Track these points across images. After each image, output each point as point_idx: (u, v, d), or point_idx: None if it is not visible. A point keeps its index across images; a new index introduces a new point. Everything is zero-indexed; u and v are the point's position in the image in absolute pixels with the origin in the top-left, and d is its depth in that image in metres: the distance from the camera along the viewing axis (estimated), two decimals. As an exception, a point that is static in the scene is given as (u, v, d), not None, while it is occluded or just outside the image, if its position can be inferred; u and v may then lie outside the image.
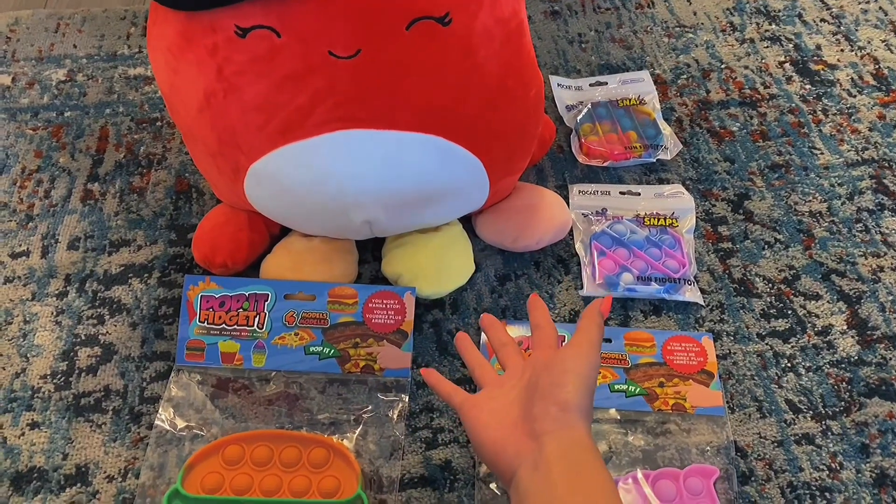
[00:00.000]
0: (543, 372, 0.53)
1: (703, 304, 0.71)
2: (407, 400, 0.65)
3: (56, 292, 0.72)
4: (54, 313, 0.71)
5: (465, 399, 0.55)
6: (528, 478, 0.48)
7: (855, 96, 0.89)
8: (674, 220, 0.76)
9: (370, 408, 0.65)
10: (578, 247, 0.75)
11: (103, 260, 0.75)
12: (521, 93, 0.64)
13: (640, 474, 0.60)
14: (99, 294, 0.72)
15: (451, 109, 0.60)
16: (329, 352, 0.67)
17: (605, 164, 0.82)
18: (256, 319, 0.67)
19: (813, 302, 0.72)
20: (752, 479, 0.61)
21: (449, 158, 0.62)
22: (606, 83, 0.89)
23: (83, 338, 0.69)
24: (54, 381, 0.67)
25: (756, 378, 0.67)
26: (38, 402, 0.66)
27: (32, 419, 0.65)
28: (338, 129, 0.58)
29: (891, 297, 0.72)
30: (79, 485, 0.61)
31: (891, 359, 0.68)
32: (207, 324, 0.67)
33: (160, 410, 0.64)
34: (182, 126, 0.66)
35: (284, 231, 0.73)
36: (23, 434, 0.64)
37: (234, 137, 0.61)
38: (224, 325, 0.67)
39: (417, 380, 0.67)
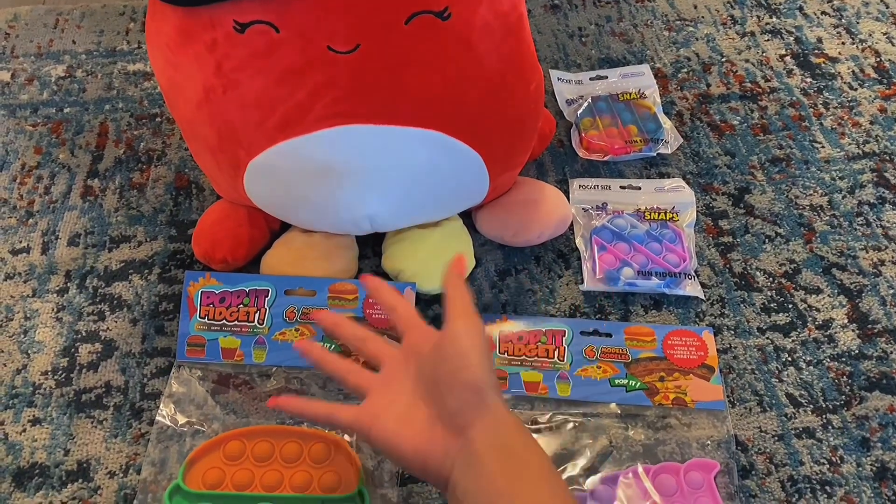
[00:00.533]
0: (436, 358, 0.49)
1: (703, 298, 0.71)
2: (407, 395, 0.65)
3: (56, 289, 0.72)
4: (55, 310, 0.71)
5: (356, 415, 0.50)
6: (464, 478, 0.45)
7: (856, 89, 0.88)
8: (674, 215, 0.76)
9: (371, 403, 0.65)
10: (579, 241, 0.75)
11: (104, 256, 0.75)
12: (521, 87, 0.64)
13: (640, 469, 0.60)
14: (99, 290, 0.72)
15: (450, 104, 0.60)
16: (330, 347, 0.67)
17: (605, 159, 0.82)
18: (257, 315, 0.67)
19: (814, 296, 0.72)
20: (753, 472, 0.62)
21: (449, 153, 0.62)
22: (607, 77, 0.89)
23: (84, 334, 0.69)
24: (55, 377, 0.67)
25: (757, 372, 0.67)
26: (40, 398, 0.66)
27: (34, 415, 0.65)
28: (337, 124, 0.58)
29: (892, 291, 0.72)
30: (80, 481, 0.61)
31: (891, 352, 0.68)
32: (208, 320, 0.67)
33: (161, 406, 0.64)
34: (181, 122, 0.66)
35: (284, 227, 0.73)
36: (24, 430, 0.64)
37: (234, 133, 0.61)
38: (224, 321, 0.67)
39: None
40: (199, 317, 0.67)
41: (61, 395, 0.66)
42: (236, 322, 0.67)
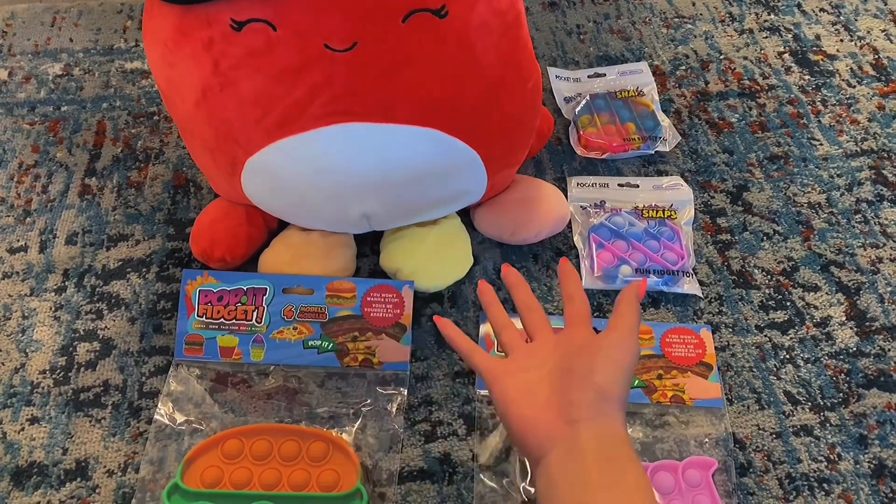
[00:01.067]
0: (580, 355, 0.51)
1: (701, 296, 0.71)
2: (406, 393, 0.65)
3: (54, 287, 0.72)
4: (53, 308, 0.71)
5: (490, 365, 0.53)
6: (560, 463, 0.47)
7: (854, 87, 0.88)
8: (672, 212, 0.76)
9: (369, 401, 0.65)
10: (577, 239, 0.75)
11: (101, 255, 0.75)
12: (519, 85, 0.64)
13: (638, 466, 0.60)
14: (97, 289, 0.72)
15: (448, 102, 0.60)
16: (328, 346, 0.67)
17: (603, 157, 0.82)
18: (255, 314, 0.67)
19: (812, 293, 0.72)
20: (751, 470, 0.62)
21: (446, 151, 0.62)
22: (605, 74, 0.88)
23: (82, 333, 0.69)
24: (53, 376, 0.67)
25: (755, 370, 0.67)
26: (38, 397, 0.66)
27: (32, 414, 0.65)
28: (335, 122, 0.58)
29: (889, 289, 0.72)
30: (79, 479, 0.61)
31: (889, 350, 0.68)
32: (206, 318, 0.67)
33: (159, 405, 0.64)
34: (179, 120, 0.66)
35: (282, 225, 0.73)
36: (22, 429, 0.64)
37: (231, 132, 0.61)
38: (223, 320, 0.67)
39: (416, 373, 0.67)
40: (197, 315, 0.67)
41: (59, 393, 0.66)
42: (234, 320, 0.67)
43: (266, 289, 0.68)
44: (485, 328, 0.68)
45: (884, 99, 0.87)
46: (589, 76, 0.88)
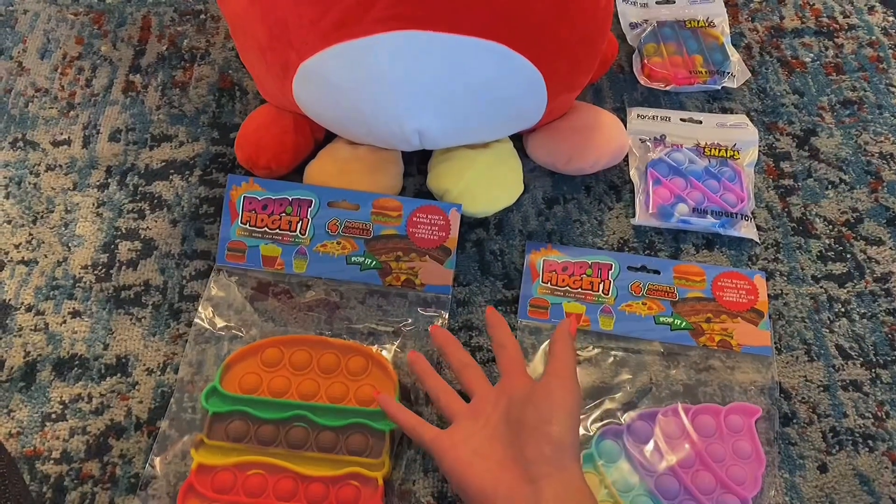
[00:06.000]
0: (527, 406, 0.50)
1: (758, 241, 0.69)
2: (447, 317, 0.64)
3: (97, 184, 0.71)
4: (95, 205, 0.70)
5: (437, 436, 0.51)
6: None
7: (942, 32, 0.82)
8: (735, 153, 0.72)
9: (410, 321, 0.64)
10: (633, 173, 0.72)
11: (144, 154, 0.73)
12: (591, 2, 0.60)
13: (680, 408, 0.59)
14: (140, 188, 0.71)
15: (516, 15, 0.56)
16: (371, 263, 0.65)
17: (666, 88, 0.78)
18: (299, 225, 0.66)
19: (874, 247, 0.69)
20: (794, 421, 0.60)
21: (509, 68, 0.59)
22: (674, 2, 0.83)
23: (124, 231, 0.69)
24: (95, 272, 0.67)
25: (807, 321, 0.65)
26: (80, 291, 0.66)
27: (74, 308, 0.65)
28: (396, 28, 0.55)
29: (958, 248, 0.69)
30: (119, 375, 0.62)
31: (951, 311, 0.66)
32: (249, 226, 0.66)
33: (200, 309, 0.64)
34: (230, 17, 0.63)
35: (329, 137, 0.71)
36: (64, 321, 0.64)
37: (286, 31, 0.58)
38: (266, 229, 0.66)
39: (458, 297, 0.66)
40: (241, 222, 0.66)
41: (101, 290, 0.66)
42: (278, 230, 0.66)
43: (311, 200, 0.66)
44: (530, 260, 0.66)
45: (972, 48, 0.81)
46: (658, 2, 0.83)
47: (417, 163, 0.72)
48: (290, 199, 0.66)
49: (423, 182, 0.71)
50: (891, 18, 0.84)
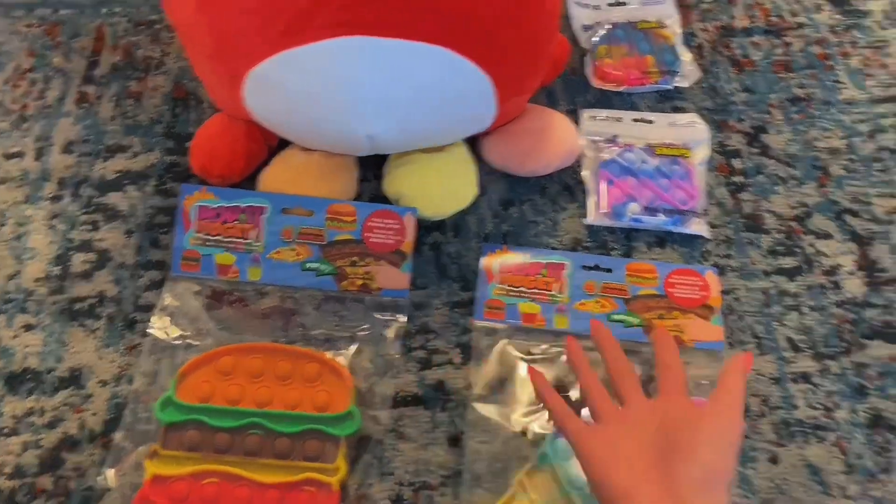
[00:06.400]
0: (685, 427, 0.48)
1: (709, 237, 0.70)
2: (403, 320, 0.64)
3: (50, 196, 0.71)
4: (48, 217, 0.70)
5: (582, 429, 0.51)
6: None
7: (887, 29, 0.84)
8: (686, 151, 0.73)
9: (366, 326, 0.64)
10: (586, 174, 0.73)
11: (98, 165, 0.73)
12: (536, 4, 0.61)
13: (633, 404, 0.60)
14: (93, 200, 0.71)
15: (462, 20, 0.57)
16: (326, 269, 0.65)
17: (619, 89, 0.79)
18: (253, 232, 0.66)
19: (823, 241, 0.70)
20: (746, 414, 0.61)
21: (457, 73, 0.59)
22: (626, 3, 0.84)
23: (77, 243, 0.68)
24: (48, 284, 0.66)
25: (758, 315, 0.66)
26: (32, 304, 0.65)
27: (27, 321, 0.64)
28: (343, 34, 0.55)
29: (903, 240, 0.70)
30: (72, 388, 0.61)
31: (897, 302, 0.67)
32: (203, 234, 0.66)
33: (154, 319, 0.63)
34: (179, 26, 0.63)
35: (283, 143, 0.71)
36: (17, 336, 0.64)
37: (233, 39, 0.58)
38: (220, 237, 0.66)
39: (415, 301, 0.66)
40: (195, 231, 0.66)
41: (54, 302, 0.65)
42: (232, 238, 0.66)
43: (265, 207, 0.66)
44: (486, 262, 0.67)
45: (916, 44, 0.83)
46: (609, 4, 0.84)
47: (374, 167, 0.72)
48: (243, 206, 0.66)
49: (379, 187, 0.71)
50: (838, 17, 0.85)
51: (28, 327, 0.64)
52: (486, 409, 0.60)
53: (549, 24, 0.64)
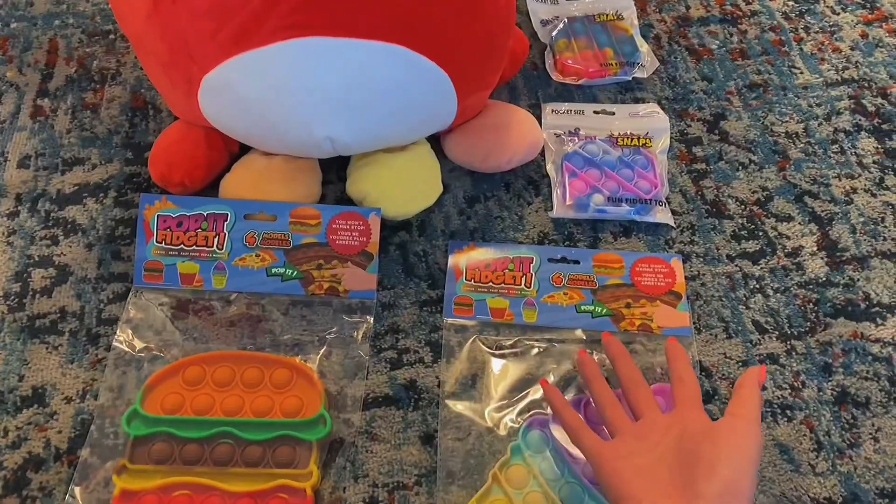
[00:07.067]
0: (704, 441, 0.48)
1: (673, 225, 0.70)
2: (372, 321, 0.64)
3: (6, 212, 0.69)
4: (5, 234, 0.68)
5: (597, 444, 0.51)
6: None
7: (838, 14, 0.86)
8: (647, 141, 0.74)
9: (334, 329, 0.63)
10: (550, 168, 0.73)
11: (56, 179, 0.72)
12: (491, 1, 0.61)
13: (604, 393, 0.60)
14: (52, 214, 0.70)
15: (415, 17, 0.57)
16: (292, 273, 0.65)
17: (579, 82, 0.79)
18: (216, 240, 0.65)
19: (784, 223, 0.71)
20: (716, 397, 0.62)
21: (414, 71, 0.59)
22: (583, -3, 0.85)
23: (37, 259, 0.67)
24: (8, 302, 0.65)
25: (724, 299, 0.67)
26: (-8, 323, 0.64)
27: (-14, 341, 0.63)
28: (294, 36, 0.55)
29: (862, 219, 0.71)
30: (36, 406, 0.60)
31: (858, 280, 0.68)
32: (165, 244, 0.65)
33: (118, 332, 0.62)
34: (131, 36, 0.62)
35: (244, 149, 0.70)
36: (-23, 356, 0.62)
37: (186, 46, 0.58)
38: (182, 246, 0.65)
39: (383, 301, 0.66)
40: (156, 241, 0.65)
41: (14, 320, 0.64)
42: (195, 247, 0.65)
43: (227, 214, 0.66)
44: (453, 259, 0.67)
45: (868, 27, 0.85)
46: (567, -2, 0.85)
47: (337, 169, 0.72)
48: (205, 214, 0.66)
49: (343, 188, 0.71)
50: (791, 3, 0.87)
51: (-12, 347, 0.63)
52: (459, 406, 0.60)
53: (505, 17, 0.64)
